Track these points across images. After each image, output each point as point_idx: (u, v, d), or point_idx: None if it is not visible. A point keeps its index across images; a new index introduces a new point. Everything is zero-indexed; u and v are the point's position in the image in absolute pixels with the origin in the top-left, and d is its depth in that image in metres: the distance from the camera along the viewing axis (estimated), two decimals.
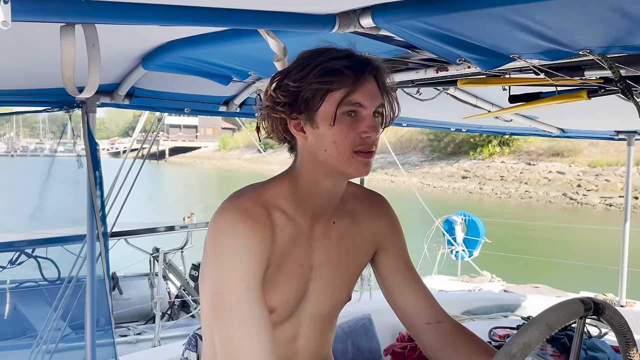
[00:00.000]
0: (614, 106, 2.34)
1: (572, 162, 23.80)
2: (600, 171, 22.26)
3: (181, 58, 1.75)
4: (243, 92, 2.65)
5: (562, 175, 23.20)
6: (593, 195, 21.14)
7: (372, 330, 3.03)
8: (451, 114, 3.09)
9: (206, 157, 56.73)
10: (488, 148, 27.84)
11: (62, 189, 4.36)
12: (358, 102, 1.07)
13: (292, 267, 1.15)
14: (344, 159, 1.08)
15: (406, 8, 1.12)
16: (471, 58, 1.36)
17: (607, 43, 1.17)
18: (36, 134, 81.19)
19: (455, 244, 7.36)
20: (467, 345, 1.26)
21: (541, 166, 24.62)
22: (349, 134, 1.07)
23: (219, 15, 1.09)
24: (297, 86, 1.07)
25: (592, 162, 23.06)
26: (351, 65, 1.07)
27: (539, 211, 20.76)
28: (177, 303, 6.75)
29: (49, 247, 5.50)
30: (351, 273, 1.26)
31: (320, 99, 1.07)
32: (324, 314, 1.24)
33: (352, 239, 1.25)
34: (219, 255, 1.06)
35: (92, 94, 1.04)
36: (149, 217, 14.57)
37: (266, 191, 1.15)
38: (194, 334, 1.40)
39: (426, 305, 1.29)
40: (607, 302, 0.99)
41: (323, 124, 1.08)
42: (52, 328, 3.37)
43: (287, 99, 1.08)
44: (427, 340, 1.29)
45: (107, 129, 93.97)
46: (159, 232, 6.60)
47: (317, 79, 1.06)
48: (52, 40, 1.09)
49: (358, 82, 1.07)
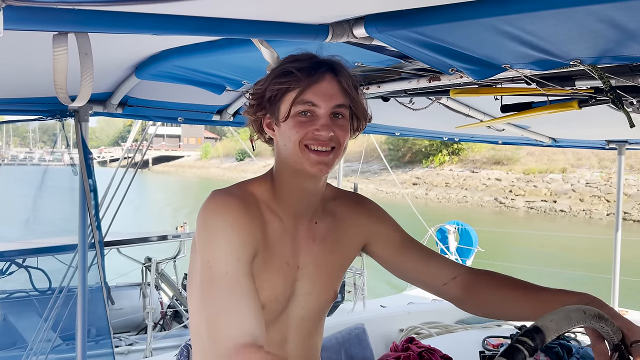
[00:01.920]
0: (604, 116, 2.36)
1: (510, 169, 26.45)
2: (532, 178, 24.82)
3: (174, 67, 1.75)
4: (236, 102, 2.65)
5: (498, 182, 25.81)
6: (520, 199, 23.61)
7: (366, 340, 3.01)
8: (444, 123, 3.10)
9: (188, 165, 58.97)
10: (438, 157, 30.37)
11: (53, 199, 4.33)
12: (310, 101, 1.14)
13: (279, 264, 1.18)
14: (297, 152, 1.15)
15: (399, 18, 1.13)
16: (463, 68, 1.37)
17: (597, 53, 1.18)
18: (27, 144, 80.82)
19: (449, 253, 7.37)
20: (488, 286, 1.29)
21: (482, 173, 27.30)
22: (300, 129, 1.14)
23: (213, 24, 1.10)
24: (260, 88, 1.19)
25: (527, 169, 25.55)
26: (305, 67, 1.14)
27: (470, 214, 21.92)
28: (170, 313, 6.69)
29: (40, 256, 5.45)
30: (336, 271, 1.30)
31: (280, 99, 1.15)
32: (312, 313, 1.26)
33: (335, 238, 1.29)
34: (209, 235, 1.09)
35: (85, 102, 1.04)
36: (136, 222, 14.69)
37: (252, 187, 1.21)
38: (185, 344, 1.39)
39: (437, 268, 1.33)
40: None
41: (283, 122, 1.16)
42: (42, 339, 3.33)
43: (255, 101, 1.20)
44: (451, 297, 1.33)
45: (98, 139, 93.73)
46: (152, 241, 6.56)
47: (273, 80, 1.16)
48: (44, 49, 1.08)
49: (310, 82, 1.13)
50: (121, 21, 0.97)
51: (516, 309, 1.24)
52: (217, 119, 2.78)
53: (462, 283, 1.31)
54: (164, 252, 6.98)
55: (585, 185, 22.39)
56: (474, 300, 1.30)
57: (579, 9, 0.97)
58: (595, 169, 23.05)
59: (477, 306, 1.31)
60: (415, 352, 2.73)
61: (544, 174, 24.39)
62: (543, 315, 0.89)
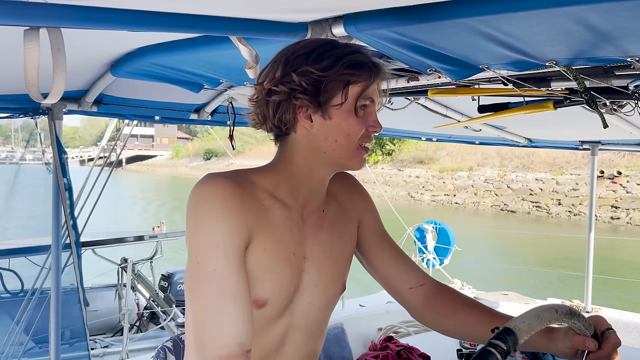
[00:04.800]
0: (579, 117, 2.40)
1: (429, 168, 29.23)
2: (444, 175, 27.68)
3: (151, 65, 1.72)
4: (215, 100, 2.63)
5: (417, 179, 28.49)
6: (427, 194, 26.43)
7: (345, 339, 3.02)
8: (422, 123, 3.13)
9: (159, 165, 61.15)
10: (373, 157, 32.43)
11: (27, 198, 4.23)
12: (372, 98, 1.10)
13: (285, 253, 1.11)
14: (351, 150, 1.10)
15: (378, 18, 1.13)
16: (441, 68, 1.38)
17: (572, 55, 1.20)
18: (10, 143, 79.34)
19: (427, 252, 7.42)
20: (449, 303, 1.27)
21: (407, 172, 29.79)
22: (361, 126, 1.09)
23: (190, 21, 1.08)
24: (323, 75, 1.05)
25: (442, 168, 28.30)
26: (370, 62, 1.09)
27: (380, 205, 24.82)
28: (146, 314, 6.60)
29: (12, 258, 5.32)
30: (345, 257, 1.25)
31: (342, 89, 1.06)
32: (318, 309, 1.19)
33: (341, 222, 1.24)
34: (197, 224, 1.02)
35: (57, 100, 1.01)
36: (111, 218, 14.62)
37: (250, 174, 1.13)
38: (162, 346, 1.37)
39: (406, 270, 1.30)
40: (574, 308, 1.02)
41: (339, 115, 1.07)
42: (14, 342, 3.26)
43: (309, 87, 1.05)
44: (412, 304, 1.30)
45: (81, 138, 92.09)
46: (128, 242, 6.46)
47: (344, 70, 1.05)
48: (15, 44, 1.05)
49: (376, 77, 1.09)
50: (95, 16, 0.95)
51: (472, 330, 1.23)
52: (194, 117, 2.75)
53: (427, 293, 1.29)
54: (140, 253, 6.90)
55: (484, 181, 25.37)
56: (432, 313, 1.28)
57: (554, 11, 0.98)
58: (496, 167, 26.06)
59: (434, 320, 1.29)
60: (394, 350, 2.74)
61: (455, 171, 27.32)
62: (514, 317, 0.89)
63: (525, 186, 23.66)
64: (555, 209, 21.55)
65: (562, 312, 0.95)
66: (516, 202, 22.96)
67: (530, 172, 24.43)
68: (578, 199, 21.42)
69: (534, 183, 23.51)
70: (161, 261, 6.69)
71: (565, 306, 0.97)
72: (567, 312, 0.96)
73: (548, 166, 24.09)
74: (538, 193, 22.83)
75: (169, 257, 7.01)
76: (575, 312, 0.99)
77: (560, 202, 21.71)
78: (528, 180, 23.90)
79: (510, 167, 25.46)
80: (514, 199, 23.27)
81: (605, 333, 1.06)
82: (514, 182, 24.19)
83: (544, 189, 22.84)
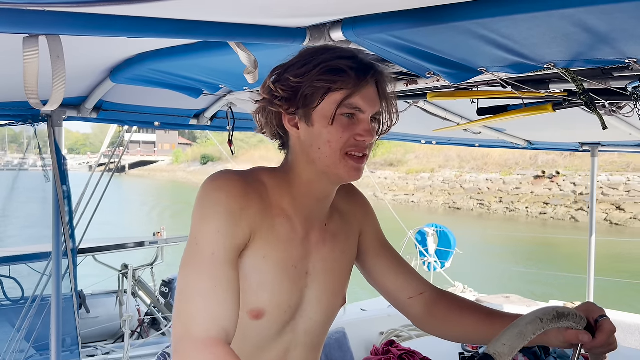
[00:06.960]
0: (578, 118, 2.40)
1: (397, 170, 31.16)
2: (409, 177, 29.69)
3: (151, 71, 1.73)
4: (214, 105, 2.63)
5: (385, 180, 29.96)
6: (390, 194, 27.82)
7: (347, 344, 3.01)
8: (421, 126, 3.13)
9: (160, 170, 63.66)
10: None
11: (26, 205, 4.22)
12: (358, 107, 1.06)
13: (285, 265, 1.09)
14: (336, 159, 1.06)
15: (376, 22, 1.13)
16: (440, 71, 1.38)
17: (570, 57, 1.20)
18: (22, 150, 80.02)
19: (428, 256, 7.40)
20: (448, 308, 1.26)
21: (378, 173, 31.09)
22: (344, 134, 1.05)
23: (189, 27, 1.08)
24: (298, 81, 1.04)
25: (409, 170, 30.34)
26: (355, 66, 1.05)
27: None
28: (147, 321, 6.59)
29: (12, 265, 5.32)
30: (346, 272, 1.24)
31: (321, 97, 1.04)
32: (319, 325, 1.18)
33: (344, 235, 1.23)
34: (203, 209, 1.02)
35: (57, 107, 1.01)
36: (110, 224, 14.56)
37: (264, 175, 1.12)
38: (162, 352, 1.36)
39: (405, 280, 1.29)
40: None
41: (319, 122, 1.06)
42: (15, 350, 3.24)
43: (285, 94, 1.05)
44: (412, 313, 1.29)
45: (92, 145, 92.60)
46: (128, 248, 6.45)
47: (319, 76, 1.03)
48: (15, 52, 1.06)
49: (360, 85, 1.05)
50: (94, 23, 0.95)
51: (472, 333, 1.22)
52: (194, 123, 2.75)
53: (427, 300, 1.28)
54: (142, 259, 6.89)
55: (442, 182, 27.25)
56: (432, 320, 1.27)
57: (552, 13, 0.98)
58: (455, 169, 27.84)
59: (435, 326, 1.28)
60: (396, 355, 2.74)
61: (419, 173, 29.42)
62: (494, 340, 0.84)
63: (476, 186, 25.70)
64: (495, 206, 23.49)
65: (548, 319, 0.91)
66: (464, 201, 25.00)
67: (483, 173, 26.48)
68: (517, 197, 23.30)
69: (484, 183, 25.54)
70: (162, 267, 6.68)
71: (551, 311, 0.93)
72: (553, 318, 0.92)
73: (499, 167, 26.07)
74: (485, 192, 24.96)
75: (169, 262, 7.00)
76: (563, 313, 0.95)
77: (502, 200, 23.76)
78: (480, 180, 25.91)
79: (467, 168, 27.45)
80: (463, 197, 25.33)
81: (598, 321, 1.04)
82: (467, 182, 26.27)
83: (490, 188, 24.95)
